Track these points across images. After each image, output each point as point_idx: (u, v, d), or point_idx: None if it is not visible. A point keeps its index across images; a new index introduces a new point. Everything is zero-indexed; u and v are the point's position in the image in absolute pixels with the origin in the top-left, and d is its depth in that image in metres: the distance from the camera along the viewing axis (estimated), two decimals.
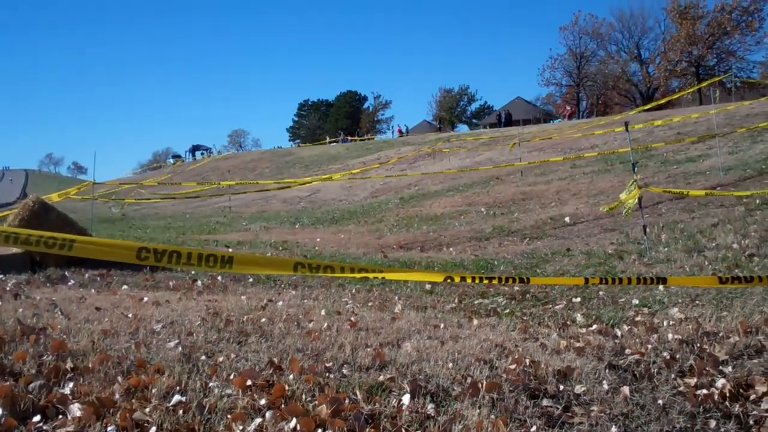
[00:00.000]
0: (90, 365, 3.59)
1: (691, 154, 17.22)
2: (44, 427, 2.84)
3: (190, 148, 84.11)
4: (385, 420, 3.11)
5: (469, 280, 3.34)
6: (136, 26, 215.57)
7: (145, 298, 6.11)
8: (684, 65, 65.29)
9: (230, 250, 11.62)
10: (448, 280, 3.23)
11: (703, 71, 62.87)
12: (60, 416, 2.95)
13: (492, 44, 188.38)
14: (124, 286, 7.07)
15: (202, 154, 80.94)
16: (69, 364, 3.59)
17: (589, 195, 14.59)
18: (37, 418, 2.89)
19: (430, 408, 3.26)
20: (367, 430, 2.98)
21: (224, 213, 24.54)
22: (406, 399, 3.32)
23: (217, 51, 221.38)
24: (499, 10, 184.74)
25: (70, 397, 3.13)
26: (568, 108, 70.62)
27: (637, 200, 8.33)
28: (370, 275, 2.90)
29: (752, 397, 3.60)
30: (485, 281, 3.66)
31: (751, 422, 3.37)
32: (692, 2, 64.32)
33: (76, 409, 2.96)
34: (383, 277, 3.13)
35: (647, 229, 8.58)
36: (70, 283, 7.31)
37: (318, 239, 13.71)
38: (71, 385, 3.28)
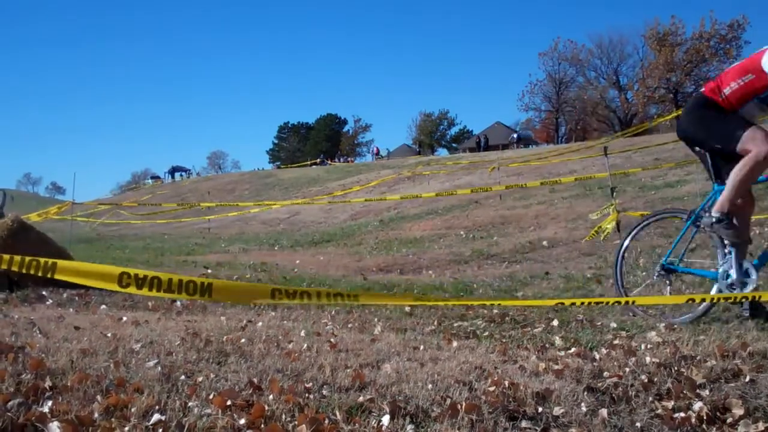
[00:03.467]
0: (69, 384, 3.56)
1: (669, 180, 17.38)
2: None
3: (169, 169, 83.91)
4: None
5: (441, 303, 3.37)
6: (115, 47, 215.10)
7: (124, 318, 6.07)
8: (662, 92, 66.12)
9: (209, 271, 11.59)
10: (419, 302, 3.26)
11: (681, 98, 63.66)
12: None
13: (472, 69, 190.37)
14: (103, 306, 7.03)
15: (182, 175, 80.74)
16: (48, 383, 3.56)
17: (567, 219, 14.69)
18: None
19: (409, 429, 3.26)
20: None
21: (203, 234, 24.46)
22: (385, 420, 3.32)
23: (196, 72, 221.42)
24: (480, 35, 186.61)
25: (49, 416, 3.10)
26: (514, 136, 71.35)
27: (615, 224, 8.40)
28: (345, 302, 2.91)
29: (729, 420, 3.62)
30: (454, 302, 3.69)
31: None
32: (670, 29, 65.26)
33: (54, 428, 2.93)
34: (359, 303, 3.15)
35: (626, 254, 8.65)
36: (48, 303, 7.25)
37: (297, 261, 13.70)
38: (50, 403, 3.25)
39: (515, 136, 70.15)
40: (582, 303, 4.54)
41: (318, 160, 73.13)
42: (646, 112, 68.16)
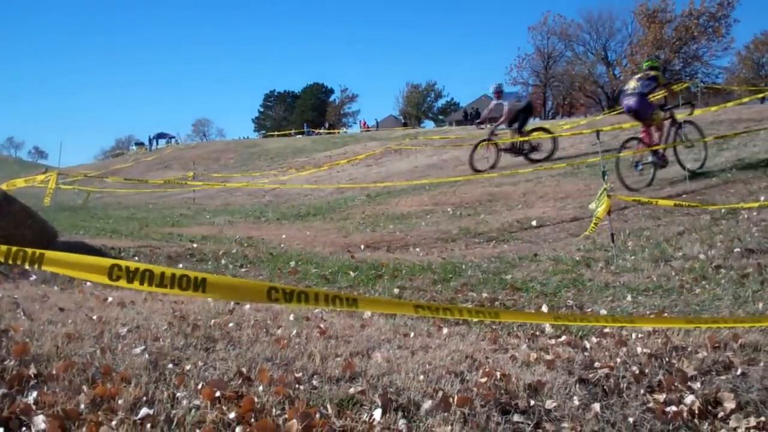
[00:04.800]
0: (54, 372, 3.50)
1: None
2: None
3: (153, 135, 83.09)
4: None
5: (441, 314, 3.31)
6: (100, 12, 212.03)
7: (110, 298, 5.98)
8: None
9: (195, 245, 11.48)
10: (419, 311, 3.19)
11: (669, 75, 63.69)
12: (23, 428, 2.87)
13: (460, 41, 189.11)
14: (88, 283, 6.93)
15: (167, 142, 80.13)
16: (32, 370, 3.49)
17: (555, 198, 14.65)
18: (0, 430, 2.81)
19: (401, 424, 3.22)
20: None
21: (188, 205, 24.29)
22: (377, 414, 3.28)
23: (182, 38, 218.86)
24: (469, 7, 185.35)
25: (34, 408, 3.04)
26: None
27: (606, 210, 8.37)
28: (344, 307, 2.85)
29: (720, 414, 3.61)
30: (456, 315, 3.63)
31: None
32: (660, 6, 65.08)
33: (40, 422, 2.87)
34: (360, 310, 3.09)
35: (614, 237, 8.63)
36: (32, 279, 7.15)
37: (283, 236, 13.60)
38: (35, 394, 3.19)
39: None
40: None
41: (304, 130, 72.76)
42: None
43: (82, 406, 3.10)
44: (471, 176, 18.04)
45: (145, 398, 3.25)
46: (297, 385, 3.63)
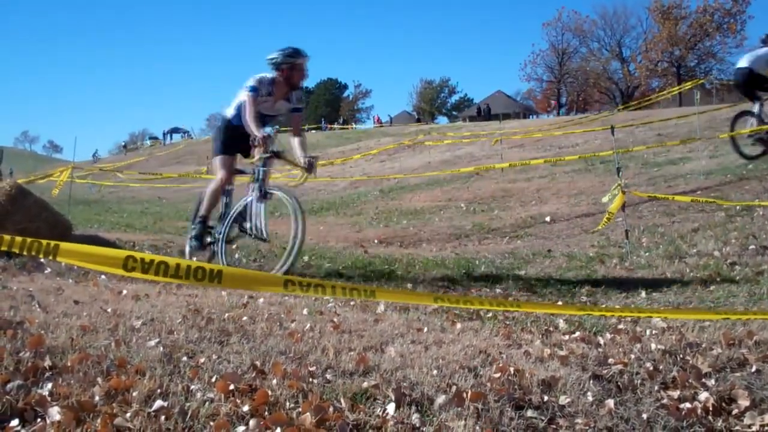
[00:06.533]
0: (69, 364, 3.50)
1: (671, 157, 17.29)
2: None
3: (167, 130, 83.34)
4: (371, 431, 3.07)
5: (461, 305, 3.31)
6: (115, 7, 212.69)
7: (124, 291, 6.01)
8: (665, 65, 65.84)
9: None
10: (438, 301, 3.19)
11: (683, 72, 63.39)
12: (38, 420, 2.88)
13: (475, 37, 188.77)
14: (102, 276, 6.95)
15: (181, 136, 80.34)
16: (47, 362, 3.51)
17: (569, 194, 14.61)
18: (15, 422, 2.82)
19: (415, 418, 3.21)
20: None
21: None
22: (390, 408, 3.27)
23: (197, 34, 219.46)
24: (483, 3, 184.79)
25: (49, 399, 3.05)
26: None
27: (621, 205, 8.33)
28: (361, 297, 2.85)
29: (735, 411, 3.59)
30: (477, 305, 3.62)
31: None
32: (675, 2, 64.76)
33: (55, 413, 2.88)
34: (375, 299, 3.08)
35: (628, 233, 8.59)
36: (46, 272, 7.18)
37: None
38: (50, 385, 3.20)
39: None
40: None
41: (320, 125, 72.82)
42: (648, 85, 67.83)
43: (97, 398, 3.11)
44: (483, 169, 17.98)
45: (159, 391, 3.26)
46: (310, 379, 3.63)
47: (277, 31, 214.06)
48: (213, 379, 3.47)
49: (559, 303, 6.33)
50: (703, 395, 3.71)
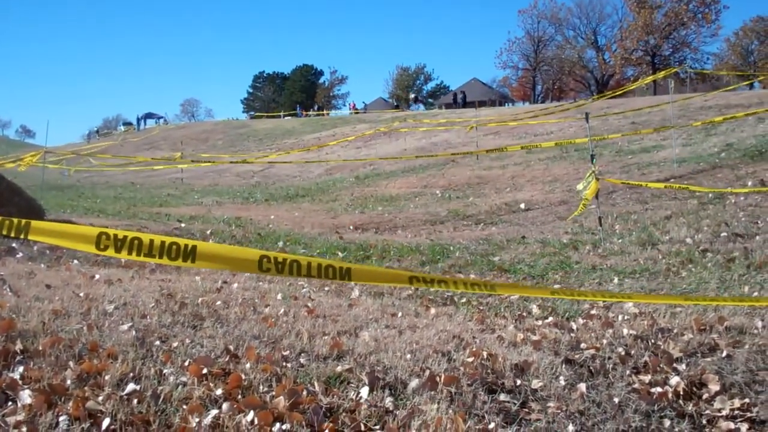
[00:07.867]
0: (40, 348, 3.48)
1: (645, 145, 17.39)
2: None
3: (142, 115, 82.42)
4: (344, 414, 3.07)
5: (436, 286, 3.30)
6: None
7: (97, 276, 5.95)
8: (640, 54, 66.05)
9: (183, 225, 11.45)
10: (414, 282, 3.18)
11: (658, 60, 63.66)
12: (10, 403, 2.85)
13: (450, 24, 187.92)
14: (75, 261, 6.89)
15: (156, 122, 79.55)
16: (19, 346, 3.47)
17: (544, 181, 14.69)
18: None
19: (388, 402, 3.22)
20: (326, 424, 2.93)
21: (176, 185, 24.21)
22: (364, 392, 3.28)
23: (171, 18, 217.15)
24: None
25: (20, 383, 3.02)
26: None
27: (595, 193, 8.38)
28: (337, 278, 2.83)
29: (705, 396, 3.63)
30: (452, 287, 3.62)
31: (704, 422, 3.40)
32: None
33: (26, 396, 2.86)
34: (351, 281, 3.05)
35: (601, 220, 8.65)
36: (18, 256, 7.09)
37: (272, 216, 13.58)
38: (21, 369, 3.17)
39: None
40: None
41: (295, 111, 72.52)
42: (623, 73, 68.08)
43: (69, 381, 3.09)
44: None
45: (131, 374, 3.24)
46: (284, 363, 3.62)
47: (252, 17, 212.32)
48: (186, 363, 3.45)
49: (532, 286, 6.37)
50: (674, 380, 3.75)
